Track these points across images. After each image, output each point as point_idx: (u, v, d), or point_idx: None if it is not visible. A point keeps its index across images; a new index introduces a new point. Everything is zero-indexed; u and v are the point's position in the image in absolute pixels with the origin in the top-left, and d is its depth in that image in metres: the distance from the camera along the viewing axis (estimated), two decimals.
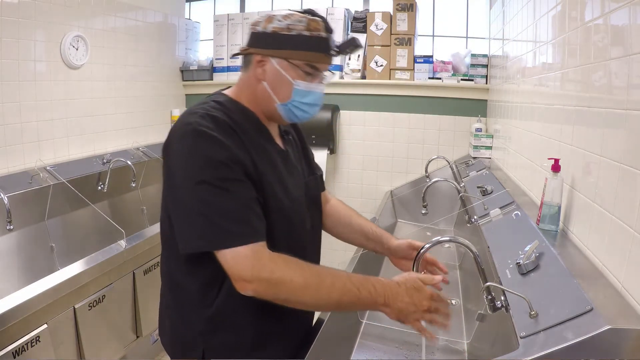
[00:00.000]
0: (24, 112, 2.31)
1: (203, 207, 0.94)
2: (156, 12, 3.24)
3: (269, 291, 0.94)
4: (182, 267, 1.06)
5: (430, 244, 1.18)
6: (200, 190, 0.94)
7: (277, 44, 1.04)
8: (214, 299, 1.04)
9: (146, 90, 3.17)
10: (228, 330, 1.06)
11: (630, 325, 0.80)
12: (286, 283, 0.93)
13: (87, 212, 2.42)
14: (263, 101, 1.10)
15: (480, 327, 1.40)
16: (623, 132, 0.97)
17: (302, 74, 1.06)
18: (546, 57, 1.64)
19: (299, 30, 1.03)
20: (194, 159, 0.96)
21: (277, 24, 1.04)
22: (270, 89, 1.07)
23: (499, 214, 1.64)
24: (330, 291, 0.96)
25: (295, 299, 0.95)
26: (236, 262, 0.93)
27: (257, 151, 1.04)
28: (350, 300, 0.97)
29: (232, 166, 0.96)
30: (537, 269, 1.11)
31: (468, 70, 3.09)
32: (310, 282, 0.95)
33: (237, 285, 0.95)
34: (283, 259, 0.96)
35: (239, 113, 1.07)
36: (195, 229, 0.95)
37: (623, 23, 0.97)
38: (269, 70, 1.06)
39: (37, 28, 2.33)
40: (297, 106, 1.08)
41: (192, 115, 1.00)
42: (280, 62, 1.05)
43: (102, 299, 2.03)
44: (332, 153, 3.27)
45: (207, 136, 0.96)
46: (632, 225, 0.90)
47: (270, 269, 0.93)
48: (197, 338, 1.07)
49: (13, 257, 2.11)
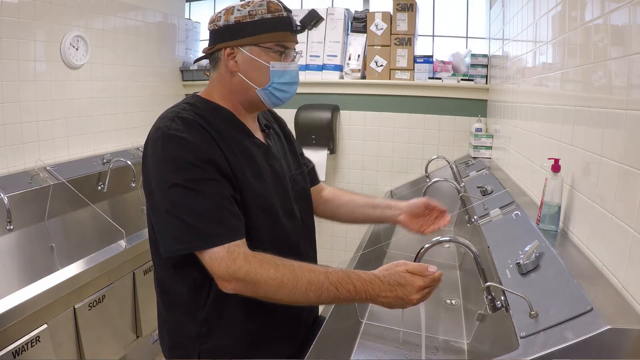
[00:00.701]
0: (24, 112, 2.31)
1: (177, 209, 0.95)
2: (156, 12, 3.24)
3: (246, 290, 0.95)
4: (171, 272, 1.07)
5: (430, 244, 1.18)
6: (173, 193, 0.95)
7: (243, 32, 1.05)
8: (205, 302, 1.05)
9: (146, 90, 3.17)
10: (221, 333, 1.07)
11: (630, 325, 0.80)
12: (261, 284, 0.93)
13: (87, 212, 2.42)
14: (241, 93, 1.10)
15: (480, 327, 1.40)
16: (623, 132, 0.97)
17: (275, 55, 1.08)
18: (546, 57, 1.64)
19: (261, 14, 1.05)
20: (165, 162, 0.97)
21: (237, 14, 1.06)
22: (247, 77, 1.08)
23: (499, 214, 1.64)
24: (307, 290, 0.94)
25: (273, 297, 0.95)
26: (213, 262, 0.94)
27: (231, 147, 1.04)
28: (330, 297, 0.95)
29: (203, 166, 0.96)
30: (537, 269, 1.10)
31: (468, 70, 3.09)
32: (285, 281, 0.93)
33: (219, 284, 0.95)
34: (258, 258, 0.94)
35: (211, 111, 1.08)
36: (172, 232, 0.96)
37: (623, 23, 0.97)
38: (241, 60, 1.07)
39: (37, 28, 2.33)
40: (276, 88, 1.09)
41: (162, 120, 1.02)
42: (251, 48, 1.06)
43: (102, 299, 2.03)
44: (332, 153, 3.27)
45: (176, 138, 0.97)
46: (632, 225, 0.90)
47: (245, 270, 0.92)
48: (192, 342, 1.07)
49: (13, 257, 2.11)
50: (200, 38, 3.84)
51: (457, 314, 1.67)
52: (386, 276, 0.96)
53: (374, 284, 0.95)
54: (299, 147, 1.34)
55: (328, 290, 0.94)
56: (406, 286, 0.95)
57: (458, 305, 1.73)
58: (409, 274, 0.96)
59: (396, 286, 0.95)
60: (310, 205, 1.29)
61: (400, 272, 0.96)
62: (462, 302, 1.74)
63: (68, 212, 2.41)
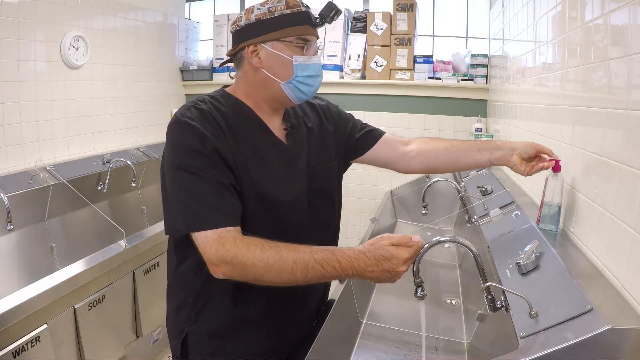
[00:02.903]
0: (24, 112, 2.31)
1: (179, 192, 1.00)
2: (156, 12, 3.24)
3: (235, 273, 0.97)
4: (175, 254, 1.14)
5: (430, 244, 1.18)
6: (178, 176, 1.00)
7: (264, 29, 1.08)
8: (195, 284, 1.11)
9: (146, 90, 3.17)
10: (208, 316, 1.12)
11: (630, 325, 0.80)
12: (248, 266, 0.95)
13: (87, 212, 2.42)
14: (264, 88, 1.12)
15: (480, 327, 1.40)
16: (623, 132, 0.97)
17: (297, 49, 1.09)
18: (546, 57, 1.64)
19: (281, 10, 1.08)
20: (175, 147, 1.03)
21: (257, 12, 1.08)
22: (270, 72, 1.10)
23: (499, 214, 1.64)
24: (293, 269, 0.95)
25: (262, 278, 0.97)
26: (204, 245, 0.97)
27: (239, 141, 1.07)
28: (316, 276, 0.96)
29: (208, 154, 1.00)
30: (537, 269, 1.10)
31: (468, 70, 3.09)
32: (271, 262, 0.95)
33: (210, 269, 0.98)
34: (246, 242, 0.97)
35: (229, 105, 1.11)
36: (174, 213, 1.02)
37: (623, 23, 0.97)
38: (264, 56, 1.09)
39: (37, 28, 2.33)
40: (301, 81, 1.11)
41: (181, 108, 1.07)
42: (273, 44, 1.08)
43: (102, 299, 2.03)
44: None
45: (187, 125, 1.02)
46: (632, 225, 0.90)
47: (233, 253, 0.95)
48: (182, 323, 1.14)
49: (13, 257, 2.11)
50: (200, 38, 3.84)
51: (457, 314, 1.67)
52: (371, 251, 0.97)
53: (359, 260, 0.96)
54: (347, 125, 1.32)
55: (314, 268, 0.95)
56: (391, 259, 0.96)
57: (458, 305, 1.74)
58: (393, 246, 0.97)
59: (381, 260, 0.96)
60: (330, 201, 1.27)
61: (385, 245, 0.97)
62: (462, 302, 1.74)
63: (68, 212, 2.41)
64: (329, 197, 1.26)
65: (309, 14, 1.11)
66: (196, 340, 1.13)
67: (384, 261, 0.95)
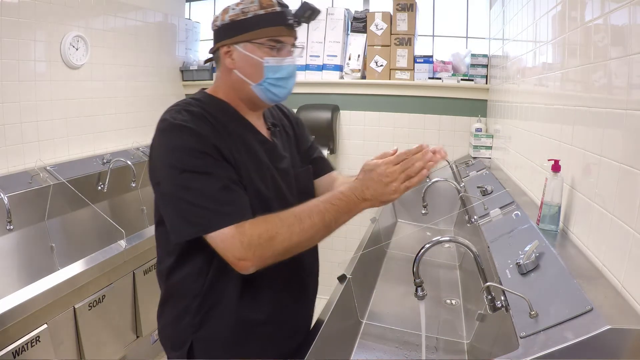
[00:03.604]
0: (24, 112, 2.31)
1: (187, 194, 0.98)
2: (156, 12, 3.24)
3: (265, 254, 0.97)
4: (175, 262, 1.10)
5: (430, 244, 1.18)
6: (183, 179, 0.98)
7: (237, 30, 1.08)
8: (200, 290, 1.08)
9: (146, 90, 3.17)
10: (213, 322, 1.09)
11: (630, 325, 0.79)
12: (274, 238, 0.96)
13: (87, 212, 2.42)
14: (239, 89, 1.12)
15: (480, 327, 1.40)
16: (623, 132, 0.97)
17: (268, 51, 1.09)
18: (546, 57, 1.64)
19: (254, 11, 1.07)
20: (173, 151, 1.00)
21: (232, 13, 1.08)
22: (242, 74, 1.10)
23: (499, 214, 1.64)
24: (312, 219, 0.98)
25: (291, 245, 0.98)
26: (226, 244, 0.96)
27: (235, 141, 1.06)
28: (330, 216, 0.99)
29: (210, 152, 1.00)
30: (537, 269, 1.10)
31: (468, 70, 3.09)
32: (291, 222, 0.97)
33: (237, 267, 0.97)
34: (261, 219, 0.98)
35: (215, 106, 1.11)
36: (183, 217, 0.99)
37: (623, 23, 0.97)
38: (237, 57, 1.09)
39: (37, 28, 2.33)
40: (272, 83, 1.10)
41: (168, 112, 1.06)
42: (245, 45, 1.08)
43: (102, 299, 2.03)
44: (332, 153, 3.26)
45: (184, 128, 1.00)
46: (632, 225, 0.90)
47: (257, 234, 0.96)
48: (186, 331, 1.10)
49: (13, 257, 2.11)
50: (200, 38, 3.84)
51: (457, 314, 1.67)
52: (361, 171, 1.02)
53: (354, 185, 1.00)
54: (308, 140, 1.34)
55: (327, 209, 0.99)
56: (376, 168, 0.99)
57: (458, 305, 1.74)
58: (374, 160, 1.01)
59: (368, 173, 0.99)
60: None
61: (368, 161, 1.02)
62: (462, 302, 1.74)
63: (68, 212, 2.41)
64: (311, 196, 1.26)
65: (283, 14, 1.09)
66: (204, 348, 1.10)
67: (372, 172, 0.99)
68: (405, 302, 1.74)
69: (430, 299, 1.04)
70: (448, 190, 2.50)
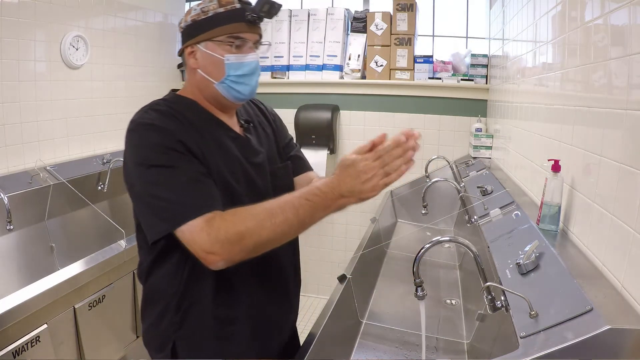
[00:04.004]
0: (24, 112, 2.31)
1: (156, 190, 0.97)
2: (156, 12, 3.24)
3: (234, 249, 0.93)
4: (153, 261, 1.11)
5: (430, 244, 1.18)
6: (150, 175, 0.98)
7: (198, 30, 1.09)
8: (177, 288, 1.08)
9: (146, 90, 3.17)
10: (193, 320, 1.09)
11: (630, 325, 0.80)
12: (243, 233, 0.93)
13: (87, 212, 2.42)
14: (204, 89, 1.12)
15: (480, 327, 1.40)
16: (623, 132, 0.97)
17: (229, 48, 1.09)
18: (546, 57, 1.64)
19: (213, 9, 1.07)
20: (139, 149, 1.01)
21: (193, 13, 1.09)
22: (205, 72, 1.10)
23: (499, 214, 1.64)
24: (284, 215, 0.94)
25: (261, 240, 0.94)
26: (194, 236, 0.94)
27: (204, 137, 1.06)
28: (306, 212, 0.94)
29: (176, 147, 0.99)
30: (537, 269, 1.11)
31: (468, 70, 3.09)
32: (263, 217, 0.94)
33: (207, 261, 0.94)
34: (232, 213, 0.96)
35: (184, 105, 1.11)
36: (155, 215, 0.98)
37: (623, 23, 0.97)
38: (200, 57, 1.10)
39: (37, 28, 2.33)
40: (234, 80, 1.10)
41: (136, 114, 1.07)
42: (206, 44, 1.09)
43: (102, 299, 2.03)
44: (332, 153, 3.26)
45: (150, 126, 1.01)
46: (632, 225, 0.90)
47: (225, 228, 0.93)
48: (168, 330, 1.10)
49: (13, 257, 2.11)
50: None
51: (457, 314, 1.67)
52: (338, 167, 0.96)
53: (332, 180, 0.95)
54: (286, 137, 1.33)
55: (301, 204, 0.94)
56: (354, 164, 0.94)
57: (458, 305, 1.74)
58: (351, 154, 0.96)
59: (346, 168, 0.94)
60: None
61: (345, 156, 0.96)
62: (462, 302, 1.74)
63: (68, 212, 2.41)
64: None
65: (242, 11, 1.08)
66: (186, 347, 1.09)
67: (349, 168, 0.94)
68: (405, 302, 1.74)
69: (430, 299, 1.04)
70: (448, 190, 2.50)
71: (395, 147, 0.95)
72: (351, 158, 0.94)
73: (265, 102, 1.35)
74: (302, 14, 3.29)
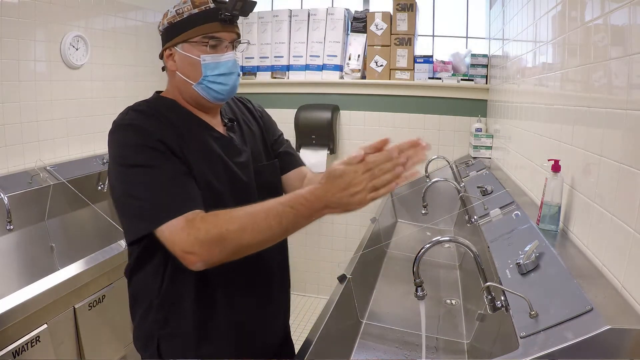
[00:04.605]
0: (24, 112, 2.31)
1: (135, 189, 0.97)
2: (156, 12, 3.24)
3: (214, 251, 0.92)
4: (135, 264, 1.11)
5: (430, 244, 1.18)
6: (130, 175, 0.98)
7: (174, 32, 1.09)
8: (160, 286, 1.08)
9: (146, 90, 3.16)
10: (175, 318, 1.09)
11: (630, 325, 0.80)
12: (224, 234, 0.91)
13: (87, 212, 2.42)
14: (184, 91, 1.13)
15: (480, 327, 1.40)
16: (623, 132, 0.97)
17: (204, 48, 1.09)
18: (546, 57, 1.64)
19: (188, 11, 1.08)
20: (122, 148, 1.02)
21: (169, 15, 1.10)
22: (183, 74, 1.11)
23: (499, 214, 1.64)
24: (267, 221, 0.91)
25: (240, 242, 0.92)
26: (174, 236, 0.93)
27: (184, 137, 1.06)
28: (290, 220, 0.91)
29: (156, 146, 0.99)
30: (537, 269, 1.11)
31: (468, 70, 3.09)
32: (245, 222, 0.92)
33: (186, 261, 0.93)
34: (214, 214, 0.94)
35: (165, 106, 1.12)
36: (135, 214, 0.98)
37: (623, 23, 0.97)
38: (178, 59, 1.11)
39: (37, 28, 2.33)
40: (212, 80, 1.10)
41: (119, 116, 1.08)
42: (182, 46, 1.09)
43: (102, 299, 2.03)
44: (332, 153, 3.27)
45: (130, 127, 1.02)
46: (632, 225, 0.90)
47: (205, 229, 0.92)
48: (152, 328, 1.10)
49: (13, 257, 2.11)
50: None
51: (457, 314, 1.67)
52: (325, 177, 0.92)
53: (319, 189, 0.91)
54: (275, 133, 1.32)
55: (285, 212, 0.91)
56: (343, 175, 0.89)
57: (458, 305, 1.74)
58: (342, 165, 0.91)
59: (336, 179, 0.89)
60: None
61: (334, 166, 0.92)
62: (462, 302, 1.74)
63: (68, 212, 2.41)
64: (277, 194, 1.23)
65: (216, 10, 1.08)
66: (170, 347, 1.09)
67: (338, 180, 0.89)
68: (405, 302, 1.74)
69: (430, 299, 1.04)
70: (448, 190, 2.50)
71: (386, 161, 0.91)
72: (340, 169, 0.90)
73: (265, 102, 1.35)
74: (302, 14, 3.29)
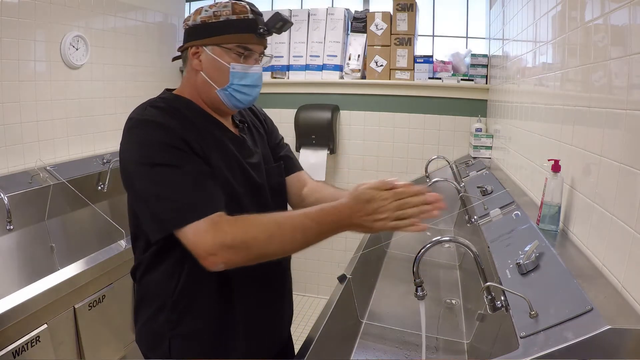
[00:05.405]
0: (24, 112, 2.31)
1: (159, 189, 0.96)
2: (156, 12, 3.24)
3: (238, 256, 0.93)
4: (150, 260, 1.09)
5: (430, 244, 1.18)
6: (154, 174, 0.97)
7: (207, 32, 1.08)
8: (176, 286, 1.07)
9: (146, 90, 3.16)
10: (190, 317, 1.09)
11: (630, 325, 0.80)
12: (250, 242, 0.93)
13: (87, 212, 2.42)
14: (204, 92, 1.12)
15: (480, 327, 1.40)
16: (623, 132, 0.97)
17: (236, 57, 1.09)
18: (546, 57, 1.64)
19: (226, 15, 1.07)
20: (142, 146, 0.99)
21: (204, 14, 1.08)
22: (208, 76, 1.10)
23: (499, 214, 1.64)
24: (293, 233, 0.94)
25: (265, 251, 0.95)
26: (197, 238, 0.93)
27: (203, 136, 1.06)
28: (313, 234, 0.95)
29: (180, 145, 0.99)
30: (537, 269, 1.11)
31: (468, 70, 3.09)
32: (272, 232, 0.94)
33: (207, 262, 0.93)
34: (242, 220, 0.95)
35: (182, 104, 1.11)
36: (158, 214, 0.97)
37: (623, 23, 0.97)
38: (204, 59, 1.09)
39: (37, 28, 2.33)
40: (236, 89, 1.10)
41: (134, 112, 1.06)
42: (213, 49, 1.08)
43: (102, 299, 2.03)
44: (332, 153, 3.27)
45: (151, 123, 1.00)
46: (632, 225, 0.90)
47: (232, 234, 0.93)
48: (163, 329, 1.09)
49: (13, 257, 2.11)
50: None
51: (457, 314, 1.67)
52: (354, 198, 0.94)
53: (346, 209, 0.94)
54: (277, 137, 1.34)
55: (311, 228, 0.94)
56: (372, 201, 0.92)
57: (458, 305, 1.74)
58: (372, 189, 0.94)
59: (364, 203, 0.93)
60: (284, 199, 1.29)
61: (364, 189, 0.94)
62: (462, 302, 1.74)
63: (68, 212, 2.41)
64: (284, 195, 1.28)
65: (255, 22, 1.08)
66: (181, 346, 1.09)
67: (366, 204, 0.92)
68: (405, 302, 1.74)
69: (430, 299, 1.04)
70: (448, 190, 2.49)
71: (415, 195, 0.94)
72: (369, 193, 0.93)
73: (265, 102, 1.36)
74: (302, 14, 3.29)
